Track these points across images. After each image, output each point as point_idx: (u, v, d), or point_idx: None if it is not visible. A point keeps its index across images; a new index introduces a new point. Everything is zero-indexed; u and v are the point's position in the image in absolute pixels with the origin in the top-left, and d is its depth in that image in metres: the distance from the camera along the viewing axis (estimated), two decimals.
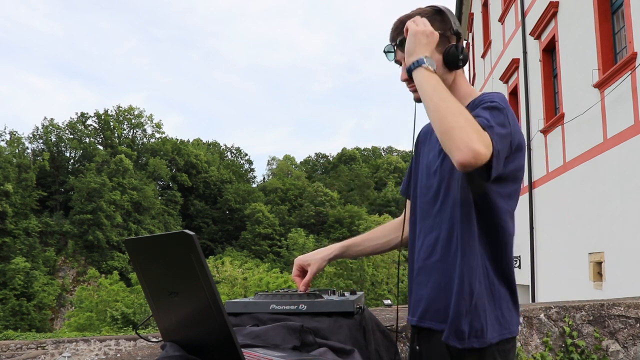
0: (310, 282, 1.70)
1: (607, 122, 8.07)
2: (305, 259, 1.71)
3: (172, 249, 1.06)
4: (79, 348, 14.80)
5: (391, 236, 1.76)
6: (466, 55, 1.48)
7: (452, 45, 1.46)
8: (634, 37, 7.26)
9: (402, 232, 1.72)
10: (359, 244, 1.77)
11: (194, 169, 58.05)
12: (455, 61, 1.45)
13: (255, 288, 24.27)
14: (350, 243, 1.76)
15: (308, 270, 1.70)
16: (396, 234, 1.74)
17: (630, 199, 7.39)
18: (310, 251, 1.80)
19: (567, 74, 9.71)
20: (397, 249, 1.75)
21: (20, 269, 39.85)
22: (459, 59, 1.45)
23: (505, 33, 13.69)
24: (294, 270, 1.71)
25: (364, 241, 1.77)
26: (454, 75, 1.50)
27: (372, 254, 1.80)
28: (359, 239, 1.78)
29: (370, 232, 1.81)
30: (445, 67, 1.46)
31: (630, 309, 3.40)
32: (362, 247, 1.76)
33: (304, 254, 1.74)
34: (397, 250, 1.75)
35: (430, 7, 1.50)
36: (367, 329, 1.55)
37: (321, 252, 1.73)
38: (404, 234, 1.72)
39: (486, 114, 1.32)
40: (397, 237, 1.74)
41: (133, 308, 22.52)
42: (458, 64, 1.46)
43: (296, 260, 1.72)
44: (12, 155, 47.09)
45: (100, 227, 45.94)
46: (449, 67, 1.46)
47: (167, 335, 1.23)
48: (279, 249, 51.56)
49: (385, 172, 65.60)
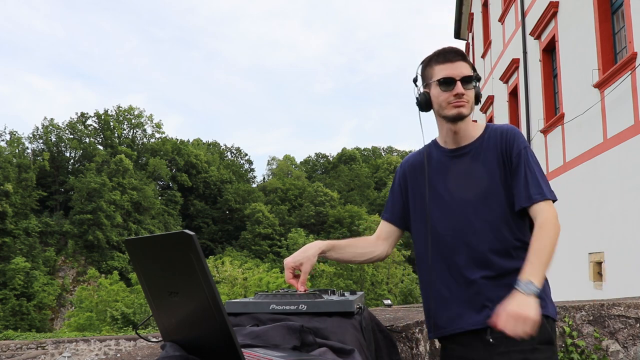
0: (306, 280, 1.71)
1: (607, 122, 8.07)
2: (296, 259, 1.74)
3: (172, 249, 1.06)
4: (79, 348, 14.80)
5: (368, 249, 1.90)
6: (480, 94, 1.78)
7: (477, 86, 1.74)
8: (634, 37, 7.26)
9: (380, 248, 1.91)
10: (342, 247, 1.85)
11: (194, 169, 58.05)
12: (479, 98, 1.75)
13: (255, 288, 24.26)
14: (335, 244, 1.83)
15: (301, 269, 1.72)
16: (374, 249, 1.90)
17: (630, 199, 7.38)
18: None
19: (567, 74, 9.70)
20: (368, 263, 1.97)
21: (20, 269, 39.85)
22: (479, 97, 1.75)
23: (505, 33, 13.68)
24: (287, 273, 1.73)
25: (346, 246, 1.86)
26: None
27: (349, 262, 1.92)
28: (343, 243, 1.86)
29: (354, 239, 1.91)
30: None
31: (630, 309, 3.40)
32: (342, 252, 1.85)
33: (291, 256, 1.77)
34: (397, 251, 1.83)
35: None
36: (367, 329, 1.55)
37: (309, 248, 1.76)
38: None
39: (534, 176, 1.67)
40: (374, 252, 1.89)
41: (133, 308, 22.51)
42: (479, 101, 1.76)
43: (286, 263, 1.74)
44: (12, 155, 47.07)
45: (100, 227, 45.94)
46: (475, 102, 1.75)
47: (167, 335, 1.23)
48: (279, 249, 51.55)
49: (385, 172, 65.59)
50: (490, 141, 1.73)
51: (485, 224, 1.68)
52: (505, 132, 1.73)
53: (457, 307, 1.70)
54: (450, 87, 1.68)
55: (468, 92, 1.69)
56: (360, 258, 1.88)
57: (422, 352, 2.64)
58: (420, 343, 2.66)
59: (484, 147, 1.73)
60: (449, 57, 1.70)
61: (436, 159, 1.80)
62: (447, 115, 1.71)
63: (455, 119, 1.71)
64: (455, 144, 1.77)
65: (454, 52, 1.72)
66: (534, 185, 1.65)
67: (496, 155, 1.71)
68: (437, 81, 1.70)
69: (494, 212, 1.68)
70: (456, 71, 1.69)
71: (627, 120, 7.44)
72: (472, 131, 1.76)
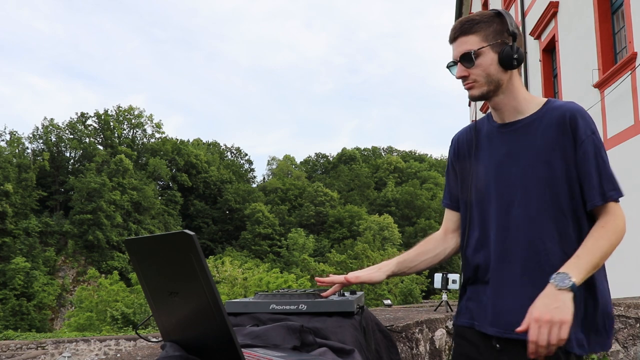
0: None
1: (607, 122, 8.07)
2: (358, 275, 1.65)
3: (172, 249, 1.06)
4: (79, 348, 14.79)
5: (439, 249, 1.74)
6: (522, 55, 1.52)
7: (507, 45, 1.50)
8: (634, 37, 7.26)
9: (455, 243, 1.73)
10: (412, 260, 1.72)
11: (194, 169, 58.03)
12: (510, 61, 1.49)
13: (255, 288, 24.24)
14: (404, 260, 1.72)
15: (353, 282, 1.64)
16: (445, 245, 1.73)
17: (630, 199, 7.38)
18: (310, 252, 1.77)
19: (567, 74, 9.70)
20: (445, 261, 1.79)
21: (20, 269, 39.83)
22: (514, 58, 1.49)
23: None
24: (340, 277, 1.63)
25: (416, 257, 1.73)
26: (510, 75, 1.53)
27: (424, 269, 1.78)
28: (412, 255, 1.73)
29: (422, 245, 1.76)
30: (501, 66, 1.50)
31: (630, 309, 3.40)
32: (414, 264, 1.72)
33: (360, 272, 1.67)
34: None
35: (491, 11, 1.55)
36: (367, 329, 1.55)
37: (377, 276, 1.67)
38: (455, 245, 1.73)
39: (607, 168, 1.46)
40: (446, 249, 1.73)
41: (133, 308, 22.48)
42: (512, 64, 1.49)
43: (350, 278, 1.63)
44: (12, 155, 47.06)
45: (100, 227, 45.91)
46: (504, 67, 1.50)
47: (167, 335, 1.23)
48: (279, 249, 51.54)
49: (385, 172, 65.57)
50: (545, 119, 1.50)
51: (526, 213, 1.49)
52: (570, 111, 1.48)
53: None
54: (454, 71, 1.55)
55: (472, 70, 1.50)
56: (436, 261, 1.74)
57: (422, 352, 2.64)
58: (420, 343, 2.65)
59: (536, 126, 1.50)
60: (451, 36, 1.56)
61: (485, 132, 1.62)
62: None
63: (474, 99, 1.56)
64: (503, 120, 1.57)
65: (455, 28, 1.55)
66: (608, 180, 1.44)
67: (553, 136, 1.47)
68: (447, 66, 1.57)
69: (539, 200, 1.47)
70: (456, 51, 1.53)
71: (627, 120, 7.44)
72: (524, 105, 1.54)
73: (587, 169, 1.44)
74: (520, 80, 1.58)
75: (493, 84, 1.51)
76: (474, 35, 1.50)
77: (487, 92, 1.52)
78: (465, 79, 1.52)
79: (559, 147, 1.46)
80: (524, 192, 1.48)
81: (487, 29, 1.50)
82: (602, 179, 1.43)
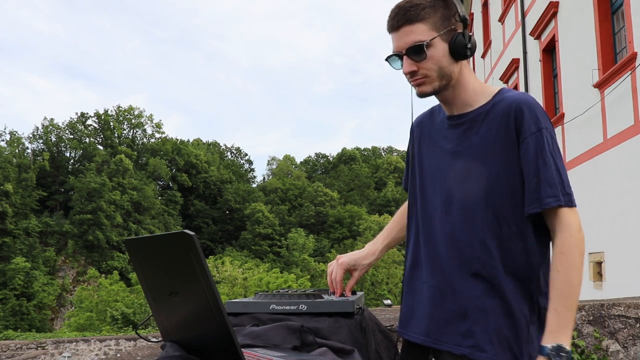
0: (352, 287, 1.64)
1: (607, 122, 8.07)
2: (353, 263, 1.62)
3: (172, 249, 1.06)
4: (79, 348, 14.79)
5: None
6: (474, 43, 1.34)
7: (458, 33, 1.31)
8: (634, 37, 7.26)
9: None
10: (395, 234, 1.68)
11: (194, 169, 58.03)
12: (463, 50, 1.31)
13: (255, 288, 24.24)
14: (389, 237, 1.68)
15: (354, 274, 1.63)
16: None
17: (630, 199, 7.38)
18: (310, 252, 1.77)
19: (567, 74, 9.71)
20: None
21: (20, 269, 39.82)
22: (467, 47, 1.31)
23: (505, 33, 13.68)
24: (340, 272, 1.60)
25: (399, 232, 1.68)
26: (460, 66, 1.35)
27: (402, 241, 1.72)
28: (394, 231, 1.68)
29: (397, 220, 1.69)
30: (452, 57, 1.32)
31: (630, 309, 3.40)
32: (401, 235, 1.67)
33: (347, 256, 1.63)
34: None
35: None
36: (367, 329, 1.55)
37: (367, 257, 1.64)
38: None
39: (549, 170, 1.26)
40: None
41: (133, 308, 22.49)
42: (466, 54, 1.32)
43: (342, 262, 1.61)
44: (12, 155, 47.05)
45: (100, 227, 45.91)
46: (455, 57, 1.32)
47: (167, 335, 1.23)
48: (279, 249, 51.54)
49: (385, 172, 65.56)
50: (491, 113, 1.34)
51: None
52: (516, 104, 1.30)
53: None
54: (398, 65, 1.35)
55: (422, 64, 1.30)
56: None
57: None
58: None
59: (480, 120, 1.35)
60: (393, 24, 1.33)
61: (437, 123, 1.49)
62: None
63: (424, 96, 1.37)
64: (452, 112, 1.42)
65: (397, 14, 1.32)
66: (547, 184, 1.26)
67: (495, 133, 1.32)
68: (387, 59, 1.37)
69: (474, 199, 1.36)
70: (401, 42, 1.32)
71: (627, 120, 7.44)
72: (473, 98, 1.38)
73: (526, 170, 1.28)
74: (470, 68, 1.40)
75: (445, 78, 1.33)
76: (421, 23, 1.29)
77: (439, 88, 1.35)
78: (414, 74, 1.33)
79: (501, 145, 1.31)
80: (462, 192, 1.35)
81: (434, 15, 1.30)
82: (541, 183, 1.26)
